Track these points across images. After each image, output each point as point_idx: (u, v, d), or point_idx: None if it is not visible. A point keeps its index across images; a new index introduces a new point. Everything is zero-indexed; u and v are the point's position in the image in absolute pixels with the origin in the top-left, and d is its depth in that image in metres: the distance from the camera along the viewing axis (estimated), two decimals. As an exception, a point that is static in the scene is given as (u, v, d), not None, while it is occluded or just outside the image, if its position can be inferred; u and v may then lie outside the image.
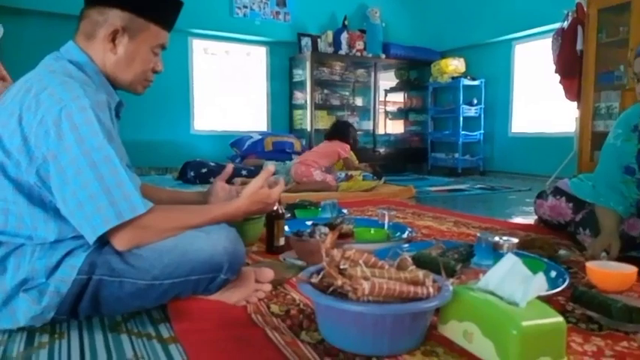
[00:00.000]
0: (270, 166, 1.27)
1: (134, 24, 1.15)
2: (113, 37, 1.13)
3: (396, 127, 6.98)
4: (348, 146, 4.05)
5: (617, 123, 1.73)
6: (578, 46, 4.01)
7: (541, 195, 2.32)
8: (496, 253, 1.52)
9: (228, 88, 6.14)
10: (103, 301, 1.05)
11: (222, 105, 6.11)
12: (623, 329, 1.07)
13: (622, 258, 1.47)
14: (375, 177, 4.04)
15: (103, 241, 1.02)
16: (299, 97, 6.16)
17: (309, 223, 1.94)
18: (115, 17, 1.13)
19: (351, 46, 6.12)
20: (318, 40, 6.08)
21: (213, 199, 1.38)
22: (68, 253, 1.03)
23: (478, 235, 1.56)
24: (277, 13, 5.92)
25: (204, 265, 1.08)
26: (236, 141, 5.24)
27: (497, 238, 1.54)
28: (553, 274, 1.35)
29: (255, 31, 5.83)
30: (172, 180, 4.62)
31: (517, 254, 1.43)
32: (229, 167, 1.45)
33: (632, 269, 1.32)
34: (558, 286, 1.24)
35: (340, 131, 4.15)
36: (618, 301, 1.11)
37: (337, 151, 3.99)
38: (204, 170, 4.29)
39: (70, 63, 1.11)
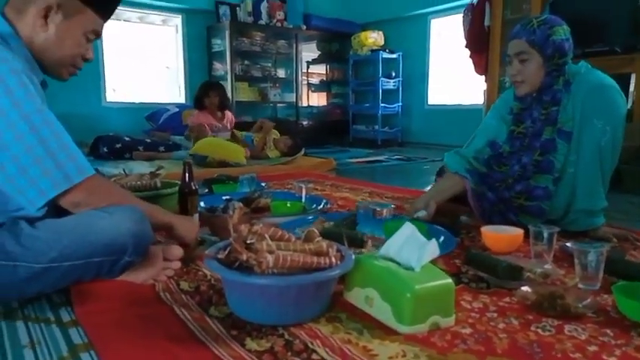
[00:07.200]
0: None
1: (70, 3, 1.09)
2: (46, 14, 1.07)
3: (319, 100, 7.02)
4: (195, 110, 4.19)
5: (496, 104, 1.88)
6: (486, 22, 4.22)
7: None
8: (376, 219, 1.61)
9: (143, 57, 5.82)
10: (-5, 287, 0.99)
11: (136, 76, 5.79)
12: (507, 286, 1.17)
13: (513, 223, 1.60)
14: (252, 137, 4.10)
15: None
16: (218, 67, 5.98)
17: (225, 198, 1.93)
18: None
19: (271, 16, 6.01)
20: (237, 8, 5.90)
21: None
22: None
23: (357, 204, 1.64)
24: (193, -22, 5.66)
25: (107, 248, 1.05)
26: (152, 114, 5.02)
27: (375, 206, 1.64)
28: (442, 238, 1.46)
29: (170, -2, 5.55)
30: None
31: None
32: None
33: (519, 232, 1.46)
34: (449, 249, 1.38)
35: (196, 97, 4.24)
36: (504, 262, 1.22)
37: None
38: (118, 145, 4.03)
39: None
